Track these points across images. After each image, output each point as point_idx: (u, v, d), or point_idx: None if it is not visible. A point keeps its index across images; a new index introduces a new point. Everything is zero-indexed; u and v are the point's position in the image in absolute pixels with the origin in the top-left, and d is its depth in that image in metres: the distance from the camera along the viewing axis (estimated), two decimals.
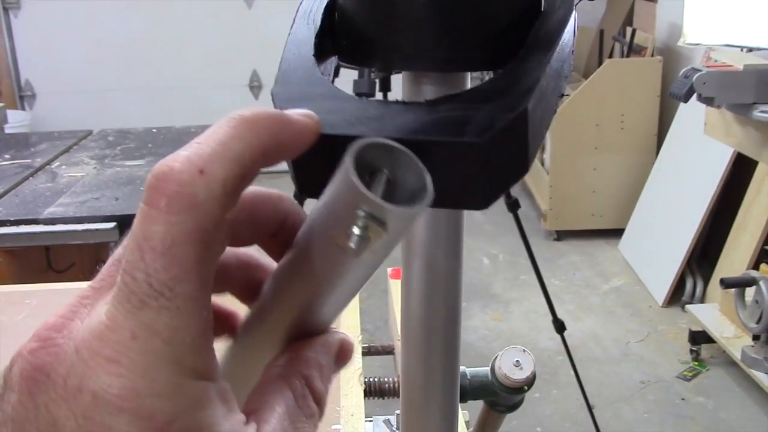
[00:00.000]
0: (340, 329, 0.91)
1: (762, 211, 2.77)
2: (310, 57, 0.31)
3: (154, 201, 0.22)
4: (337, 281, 0.26)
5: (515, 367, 0.92)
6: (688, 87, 1.94)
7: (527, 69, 0.27)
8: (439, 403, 0.42)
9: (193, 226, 0.22)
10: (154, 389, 0.22)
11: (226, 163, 0.23)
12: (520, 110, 0.26)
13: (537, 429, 2.44)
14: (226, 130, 0.23)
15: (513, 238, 2.92)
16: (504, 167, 0.26)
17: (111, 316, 0.23)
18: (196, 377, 0.23)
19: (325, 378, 0.28)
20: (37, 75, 4.83)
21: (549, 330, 2.50)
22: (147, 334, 0.22)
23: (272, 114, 0.25)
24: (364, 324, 3.15)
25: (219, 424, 0.23)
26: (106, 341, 0.22)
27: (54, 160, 2.19)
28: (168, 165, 0.23)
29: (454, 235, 0.38)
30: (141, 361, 0.22)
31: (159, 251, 0.22)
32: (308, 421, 0.27)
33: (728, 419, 2.45)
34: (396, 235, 0.25)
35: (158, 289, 0.22)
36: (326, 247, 0.25)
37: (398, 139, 0.25)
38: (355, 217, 0.23)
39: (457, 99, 0.28)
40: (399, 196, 0.25)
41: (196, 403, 0.23)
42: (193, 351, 0.23)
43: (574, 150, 3.79)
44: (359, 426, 0.77)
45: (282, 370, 0.27)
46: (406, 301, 0.40)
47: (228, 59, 4.78)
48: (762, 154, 2.02)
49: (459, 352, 0.41)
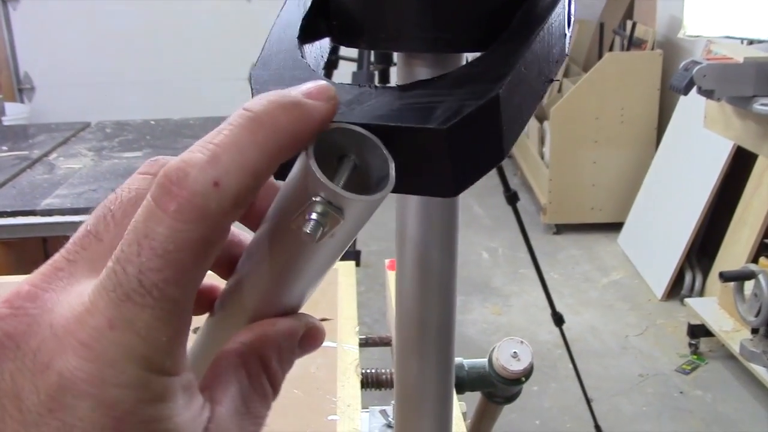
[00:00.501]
0: (338, 319, 0.90)
1: (761, 205, 2.77)
2: (294, 40, 0.31)
3: (163, 202, 0.22)
4: (297, 265, 0.26)
5: (513, 359, 0.92)
6: (688, 80, 1.93)
7: (504, 54, 0.27)
8: (433, 396, 0.42)
9: (198, 236, 0.22)
10: (120, 380, 0.22)
11: (242, 177, 0.23)
12: (490, 97, 0.25)
13: (536, 422, 2.44)
14: (245, 136, 0.23)
15: (512, 232, 2.92)
16: (475, 154, 0.26)
17: (93, 300, 0.23)
18: (164, 374, 0.23)
19: (283, 360, 0.28)
20: (36, 68, 4.83)
21: (548, 323, 2.50)
22: (125, 327, 0.22)
23: (290, 111, 0.24)
24: (362, 317, 3.15)
25: (178, 415, 0.23)
26: (83, 325, 0.22)
27: (51, 151, 2.19)
28: (183, 170, 0.22)
29: (448, 228, 0.37)
30: (113, 352, 0.22)
31: (158, 253, 0.22)
32: (261, 402, 0.27)
33: (726, 412, 2.45)
34: (355, 221, 0.25)
35: (147, 288, 0.22)
36: (285, 231, 0.25)
37: (364, 125, 0.25)
38: (313, 203, 0.24)
39: (430, 84, 0.27)
40: (366, 181, 0.26)
41: (158, 397, 0.23)
42: (166, 350, 0.23)
43: (573, 143, 3.78)
44: (355, 416, 0.77)
45: (240, 347, 0.27)
46: (400, 294, 0.39)
47: (227, 52, 4.77)
48: (762, 148, 2.02)
49: (453, 345, 0.41)
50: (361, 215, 0.25)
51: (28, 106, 4.75)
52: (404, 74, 0.32)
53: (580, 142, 3.78)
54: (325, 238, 0.24)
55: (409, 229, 0.36)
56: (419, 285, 0.38)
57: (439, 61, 0.31)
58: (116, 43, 4.72)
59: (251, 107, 0.23)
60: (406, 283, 0.38)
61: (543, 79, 0.29)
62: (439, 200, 0.36)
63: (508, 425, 2.38)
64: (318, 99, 0.24)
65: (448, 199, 0.36)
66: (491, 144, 0.26)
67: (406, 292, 0.38)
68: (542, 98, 0.29)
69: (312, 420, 0.77)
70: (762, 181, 2.81)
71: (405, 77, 0.32)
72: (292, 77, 0.29)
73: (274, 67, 0.30)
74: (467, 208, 4.16)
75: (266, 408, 0.27)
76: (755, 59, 1.90)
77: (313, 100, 0.24)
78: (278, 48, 0.31)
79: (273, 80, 0.29)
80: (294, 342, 0.28)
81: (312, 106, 0.24)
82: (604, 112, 3.74)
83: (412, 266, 0.37)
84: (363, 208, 0.25)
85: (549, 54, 0.29)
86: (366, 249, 3.16)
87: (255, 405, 0.27)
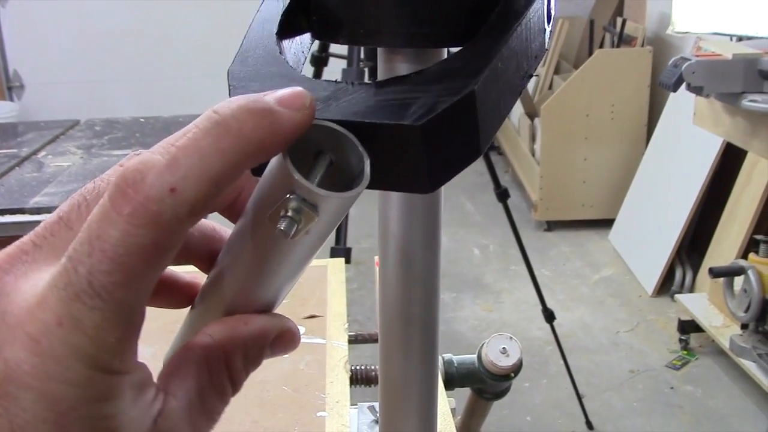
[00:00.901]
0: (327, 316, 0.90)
1: (751, 201, 2.78)
2: (273, 35, 0.31)
3: (117, 204, 0.22)
4: (273, 261, 0.26)
5: (502, 354, 0.92)
6: (677, 76, 1.93)
7: (481, 49, 0.27)
8: (418, 391, 0.42)
9: (151, 241, 0.22)
10: (65, 377, 0.22)
11: (200, 184, 0.22)
12: (465, 93, 0.25)
13: (527, 418, 2.45)
14: (208, 141, 0.22)
15: (503, 228, 2.93)
16: (451, 151, 0.26)
17: (44, 295, 0.22)
18: (110, 373, 0.23)
19: (249, 359, 0.28)
20: (25, 66, 4.80)
21: (539, 320, 2.51)
22: (73, 325, 0.22)
23: (259, 119, 0.23)
24: (354, 314, 3.15)
25: (124, 412, 0.23)
26: (32, 318, 0.22)
27: (40, 149, 2.18)
28: (141, 173, 0.22)
29: (431, 222, 0.37)
30: (59, 349, 0.22)
31: (108, 255, 0.21)
32: (218, 398, 0.27)
33: (716, 407, 2.47)
34: (330, 218, 0.25)
35: (96, 290, 0.22)
36: (261, 227, 0.25)
37: (339, 121, 0.25)
38: (287, 200, 0.24)
39: (406, 81, 0.27)
40: (342, 178, 0.26)
41: (103, 395, 0.23)
42: (114, 351, 0.22)
43: (564, 140, 3.79)
44: (344, 413, 0.77)
45: (208, 340, 0.27)
46: (383, 289, 0.39)
47: (217, 49, 4.73)
48: (750, 144, 2.03)
49: (437, 340, 0.41)
50: (337, 212, 0.25)
51: (18, 104, 4.72)
52: (384, 69, 0.32)
53: (571, 139, 3.79)
54: (299, 235, 0.24)
55: (392, 225, 0.36)
56: (402, 280, 0.38)
57: (419, 56, 0.31)
58: (106, 41, 4.69)
59: (219, 110, 0.23)
60: (389, 278, 0.38)
61: (521, 75, 0.29)
62: (421, 195, 0.36)
63: (499, 422, 2.39)
64: (291, 107, 0.23)
65: (430, 194, 0.36)
66: (467, 140, 0.26)
67: (390, 287, 0.38)
68: (520, 93, 0.29)
69: (301, 416, 0.77)
70: (751, 177, 2.82)
71: (385, 72, 0.32)
72: (269, 73, 0.29)
73: (252, 63, 0.30)
74: (458, 205, 4.16)
75: (223, 404, 0.27)
76: (744, 56, 1.91)
77: (286, 109, 0.23)
78: (256, 44, 0.31)
79: (250, 76, 0.29)
80: (264, 342, 0.28)
81: (283, 115, 0.23)
82: (594, 109, 3.75)
83: (394, 261, 0.37)
84: (338, 205, 0.25)
85: (527, 49, 0.29)
86: (357, 246, 3.16)
87: (211, 401, 0.26)
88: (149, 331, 0.92)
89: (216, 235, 0.30)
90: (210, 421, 0.27)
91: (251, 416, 0.78)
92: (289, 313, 0.30)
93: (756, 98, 1.86)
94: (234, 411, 0.78)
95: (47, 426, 0.22)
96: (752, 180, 2.81)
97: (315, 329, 0.94)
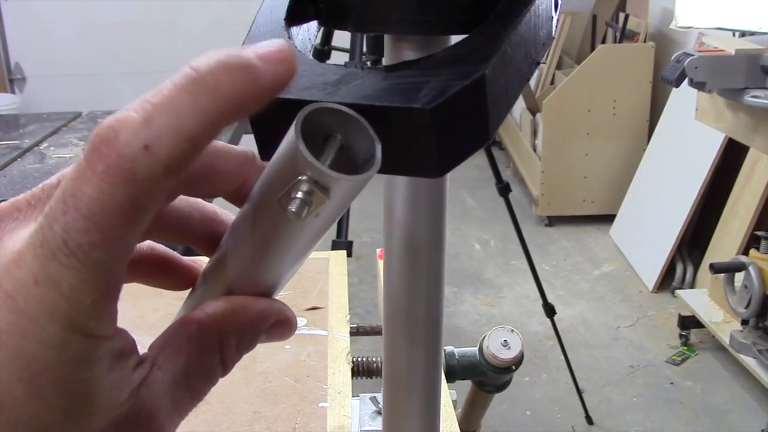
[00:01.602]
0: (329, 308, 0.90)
1: (752, 197, 2.78)
2: (281, 21, 0.31)
3: (92, 162, 0.21)
4: (280, 243, 0.26)
5: (503, 347, 0.92)
6: (680, 71, 1.93)
7: (491, 35, 0.27)
8: (421, 381, 0.42)
9: (126, 199, 0.21)
10: (40, 337, 0.21)
11: (176, 142, 0.21)
12: (475, 78, 0.25)
13: (527, 412, 2.45)
14: (184, 98, 0.21)
15: (504, 224, 2.93)
16: (460, 135, 0.26)
17: (21, 253, 0.22)
18: (86, 336, 0.22)
19: (243, 342, 0.27)
20: (27, 58, 4.80)
21: (539, 315, 2.51)
22: (49, 285, 0.21)
23: (237, 74, 0.22)
24: (355, 308, 3.15)
25: (99, 378, 0.23)
26: (9, 275, 0.22)
27: (42, 141, 2.18)
28: (115, 129, 0.21)
29: (436, 210, 0.37)
30: (35, 308, 0.21)
31: (83, 213, 0.21)
32: (205, 379, 0.26)
33: (716, 403, 2.47)
34: (340, 201, 0.25)
35: (72, 249, 0.21)
36: (270, 209, 0.25)
37: (349, 104, 0.25)
38: (299, 182, 0.24)
39: (415, 65, 0.27)
40: (351, 161, 0.26)
41: (78, 358, 0.22)
42: (90, 313, 0.22)
43: (565, 136, 3.79)
44: (346, 403, 0.77)
45: (204, 318, 0.26)
46: (388, 278, 0.39)
47: (219, 43, 4.73)
48: (753, 140, 2.02)
49: (441, 330, 0.41)
50: (347, 195, 0.25)
51: (19, 96, 4.72)
52: (391, 57, 0.32)
53: (573, 135, 3.79)
54: (310, 217, 0.24)
55: (397, 212, 0.36)
56: (407, 268, 0.38)
57: (426, 43, 0.31)
58: (107, 34, 4.69)
59: (196, 66, 0.22)
60: (393, 266, 0.38)
61: (529, 62, 0.29)
62: (426, 182, 0.36)
63: (499, 416, 2.39)
64: (271, 61, 0.23)
65: (435, 181, 0.36)
66: (477, 124, 0.26)
67: (394, 276, 0.38)
68: (528, 80, 0.30)
69: (302, 407, 0.78)
70: (753, 173, 2.82)
71: (392, 60, 0.32)
72: None
73: None
74: (460, 199, 4.16)
75: (209, 384, 0.27)
76: (747, 51, 1.91)
77: (266, 63, 0.22)
78: (265, 30, 0.31)
79: None
80: (261, 327, 0.28)
81: (263, 70, 0.22)
82: (596, 105, 3.75)
83: (399, 249, 0.37)
84: (349, 188, 0.25)
85: (536, 36, 0.29)
86: (358, 241, 3.16)
87: (197, 380, 0.26)
88: (152, 321, 0.92)
89: (217, 218, 0.30)
90: (194, 399, 0.26)
91: (253, 406, 0.78)
92: (291, 305, 0.29)
93: (758, 94, 1.86)
94: (235, 401, 0.78)
95: (21, 385, 0.22)
96: (754, 176, 2.81)
97: (317, 321, 0.94)
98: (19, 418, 0.22)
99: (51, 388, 0.22)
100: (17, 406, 0.22)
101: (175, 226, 0.30)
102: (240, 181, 0.29)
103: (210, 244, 0.30)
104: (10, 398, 0.22)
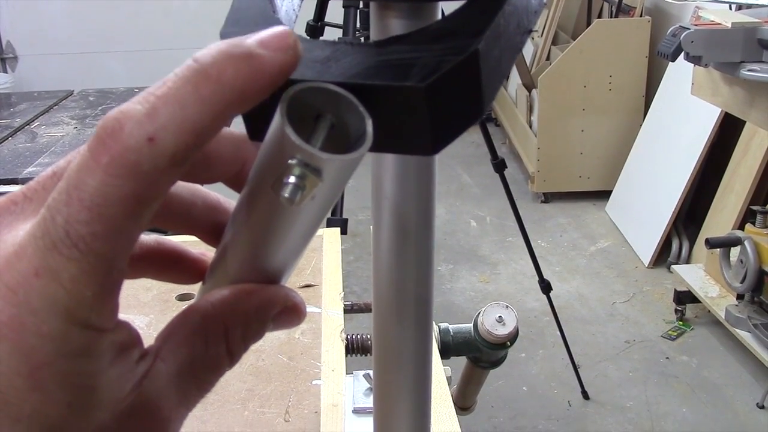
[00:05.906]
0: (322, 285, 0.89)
1: (748, 172, 2.77)
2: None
3: (96, 153, 0.21)
4: (278, 230, 0.26)
5: (498, 323, 0.92)
6: (676, 45, 1.92)
7: (483, 6, 0.26)
8: (412, 357, 0.42)
9: (129, 192, 0.21)
10: (41, 330, 0.21)
11: (180, 134, 0.21)
12: (469, 52, 0.24)
13: (523, 388, 2.46)
14: (188, 89, 0.21)
15: (500, 200, 2.92)
16: (454, 111, 0.25)
17: (22, 245, 0.22)
18: (88, 328, 0.22)
19: (250, 332, 0.27)
20: (19, 37, 4.76)
21: (536, 291, 2.52)
22: (50, 277, 0.21)
23: (241, 64, 0.22)
24: (351, 286, 3.15)
25: (101, 371, 0.23)
26: (10, 268, 0.22)
27: (34, 120, 2.16)
28: (119, 121, 0.21)
29: (425, 184, 0.37)
30: (36, 301, 0.21)
31: (86, 205, 0.21)
32: (211, 370, 0.26)
33: (711, 377, 2.48)
34: (334, 182, 0.24)
35: (74, 240, 0.21)
36: (264, 195, 0.25)
37: (340, 83, 0.24)
38: (290, 166, 0.23)
39: (406, 40, 0.26)
40: (344, 141, 0.25)
41: (79, 351, 0.22)
42: (91, 305, 0.22)
43: (561, 111, 3.77)
44: (339, 381, 0.77)
45: (208, 308, 0.26)
46: (377, 254, 0.39)
47: (212, 20, 4.69)
48: (749, 114, 2.01)
49: (431, 306, 0.40)
50: (341, 175, 0.24)
51: (11, 75, 4.69)
52: (378, 27, 0.31)
53: (569, 111, 3.77)
54: (304, 201, 0.23)
55: (385, 186, 0.36)
56: (396, 244, 0.37)
57: (413, 11, 0.30)
58: (100, 12, 4.65)
59: (199, 57, 0.22)
60: (382, 242, 0.38)
61: (522, 31, 0.28)
62: (415, 158, 0.35)
63: (495, 391, 2.40)
64: (275, 50, 0.22)
65: (424, 157, 0.35)
66: (471, 100, 0.25)
67: (383, 251, 0.38)
68: (521, 51, 0.29)
69: (297, 384, 0.77)
70: (749, 147, 2.81)
71: (378, 30, 0.31)
72: None
73: (244, 24, 0.29)
74: (456, 176, 4.15)
75: (216, 375, 0.26)
76: (743, 24, 1.89)
77: (269, 51, 0.22)
78: (248, 4, 0.30)
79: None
80: (267, 315, 0.27)
81: (266, 58, 0.22)
82: (592, 80, 3.73)
83: (388, 223, 0.37)
84: (342, 168, 0.24)
85: (528, 5, 0.28)
86: (354, 218, 3.15)
87: (203, 372, 0.26)
88: (144, 300, 0.92)
89: (221, 207, 0.30)
90: (201, 391, 0.26)
91: (247, 384, 0.78)
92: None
93: (755, 68, 1.85)
94: (229, 379, 0.78)
95: (21, 379, 0.22)
96: (750, 151, 2.80)
97: (310, 298, 0.93)
98: (22, 412, 0.22)
99: (52, 382, 0.22)
100: (20, 400, 0.22)
101: (177, 215, 0.29)
102: (239, 164, 0.28)
103: (214, 234, 0.29)
104: (13, 392, 0.22)
